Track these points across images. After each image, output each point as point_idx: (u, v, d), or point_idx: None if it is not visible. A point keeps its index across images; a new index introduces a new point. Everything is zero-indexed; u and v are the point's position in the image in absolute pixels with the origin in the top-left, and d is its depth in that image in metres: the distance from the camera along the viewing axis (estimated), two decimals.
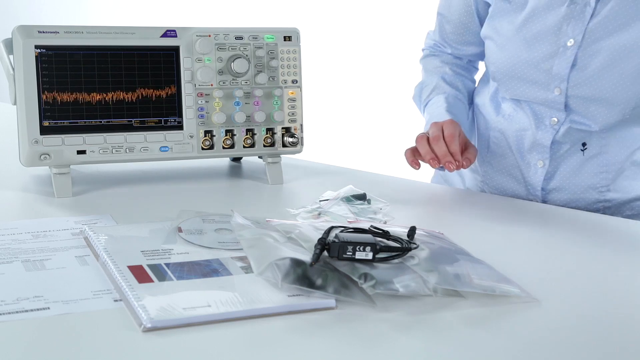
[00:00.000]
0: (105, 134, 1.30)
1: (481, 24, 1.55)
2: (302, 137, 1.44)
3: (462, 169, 1.54)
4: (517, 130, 1.49)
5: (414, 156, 1.38)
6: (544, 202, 1.49)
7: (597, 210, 1.48)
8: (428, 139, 1.37)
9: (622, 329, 0.88)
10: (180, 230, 1.05)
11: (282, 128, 1.42)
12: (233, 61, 1.37)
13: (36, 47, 1.25)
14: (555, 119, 1.43)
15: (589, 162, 1.45)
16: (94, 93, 1.29)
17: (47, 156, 1.26)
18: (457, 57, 1.65)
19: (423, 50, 1.70)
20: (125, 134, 1.31)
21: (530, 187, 1.50)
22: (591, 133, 1.43)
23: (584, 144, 1.44)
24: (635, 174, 1.47)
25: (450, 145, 1.35)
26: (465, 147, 1.40)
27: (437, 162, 1.35)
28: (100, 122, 1.30)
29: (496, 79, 1.48)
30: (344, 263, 0.93)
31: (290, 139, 1.42)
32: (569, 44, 1.38)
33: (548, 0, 1.40)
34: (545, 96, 1.42)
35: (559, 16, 1.38)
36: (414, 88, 1.65)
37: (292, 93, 1.43)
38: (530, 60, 1.42)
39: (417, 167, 1.38)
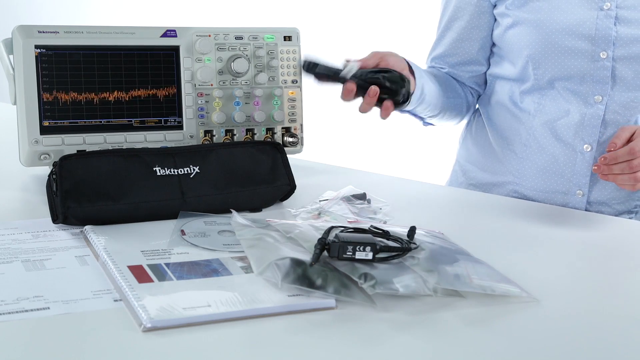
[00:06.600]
0: (105, 134, 1.30)
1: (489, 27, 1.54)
2: (302, 137, 1.44)
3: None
4: (553, 120, 1.45)
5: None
6: (589, 193, 1.44)
7: (635, 207, 1.45)
8: None
9: (622, 329, 0.88)
10: (183, 233, 1.05)
11: (282, 128, 1.42)
12: (233, 61, 1.37)
13: (36, 47, 1.25)
14: (599, 97, 1.41)
15: None
16: (94, 93, 1.29)
17: (47, 156, 1.26)
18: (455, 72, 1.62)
19: None
20: (125, 133, 1.31)
21: (575, 177, 1.44)
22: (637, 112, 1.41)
23: None
24: None
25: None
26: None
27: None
28: (100, 122, 1.30)
29: (534, 61, 1.44)
30: (344, 263, 0.93)
31: (290, 139, 1.42)
32: (605, 7, 1.38)
33: None
34: (591, 65, 1.40)
35: None
36: None
37: (292, 93, 1.43)
38: (570, 27, 1.40)
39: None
